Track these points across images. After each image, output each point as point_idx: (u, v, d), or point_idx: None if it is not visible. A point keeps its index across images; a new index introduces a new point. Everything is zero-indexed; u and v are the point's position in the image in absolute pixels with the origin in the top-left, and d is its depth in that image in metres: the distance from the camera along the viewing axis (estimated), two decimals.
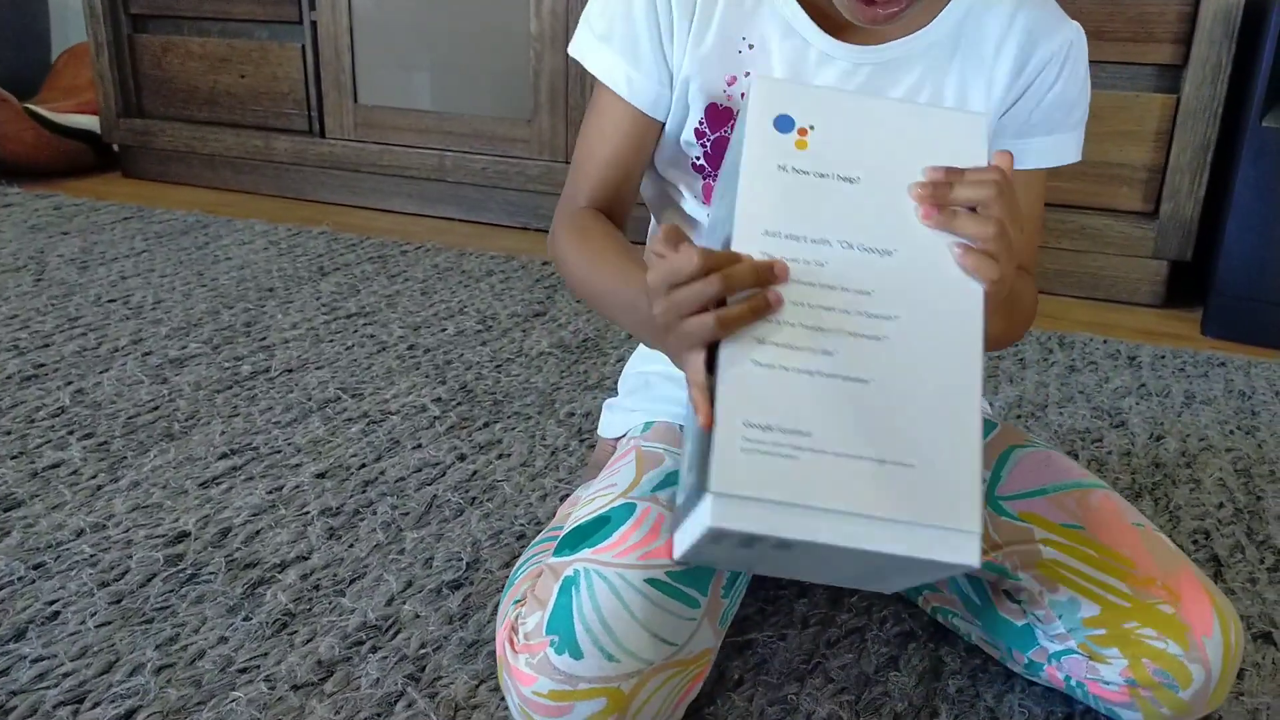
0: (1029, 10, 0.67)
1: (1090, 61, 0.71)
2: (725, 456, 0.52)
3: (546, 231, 0.76)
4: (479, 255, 1.61)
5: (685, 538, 0.54)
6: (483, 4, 1.76)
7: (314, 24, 1.88)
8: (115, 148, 2.13)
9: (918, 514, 0.52)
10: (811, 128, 0.57)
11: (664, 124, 0.71)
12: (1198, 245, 1.48)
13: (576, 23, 0.72)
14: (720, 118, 0.69)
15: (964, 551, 0.52)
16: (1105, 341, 1.33)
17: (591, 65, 0.71)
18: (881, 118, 0.58)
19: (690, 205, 0.74)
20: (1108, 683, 0.62)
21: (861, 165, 0.57)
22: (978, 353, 0.56)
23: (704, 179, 0.72)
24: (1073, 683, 0.64)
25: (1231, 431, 1.09)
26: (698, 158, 0.71)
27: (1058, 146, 0.71)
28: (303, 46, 1.90)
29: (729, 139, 0.68)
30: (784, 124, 0.57)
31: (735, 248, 0.54)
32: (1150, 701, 0.61)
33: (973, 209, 0.55)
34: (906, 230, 0.56)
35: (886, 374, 0.54)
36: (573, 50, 0.72)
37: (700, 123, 0.69)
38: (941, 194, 0.56)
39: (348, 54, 1.87)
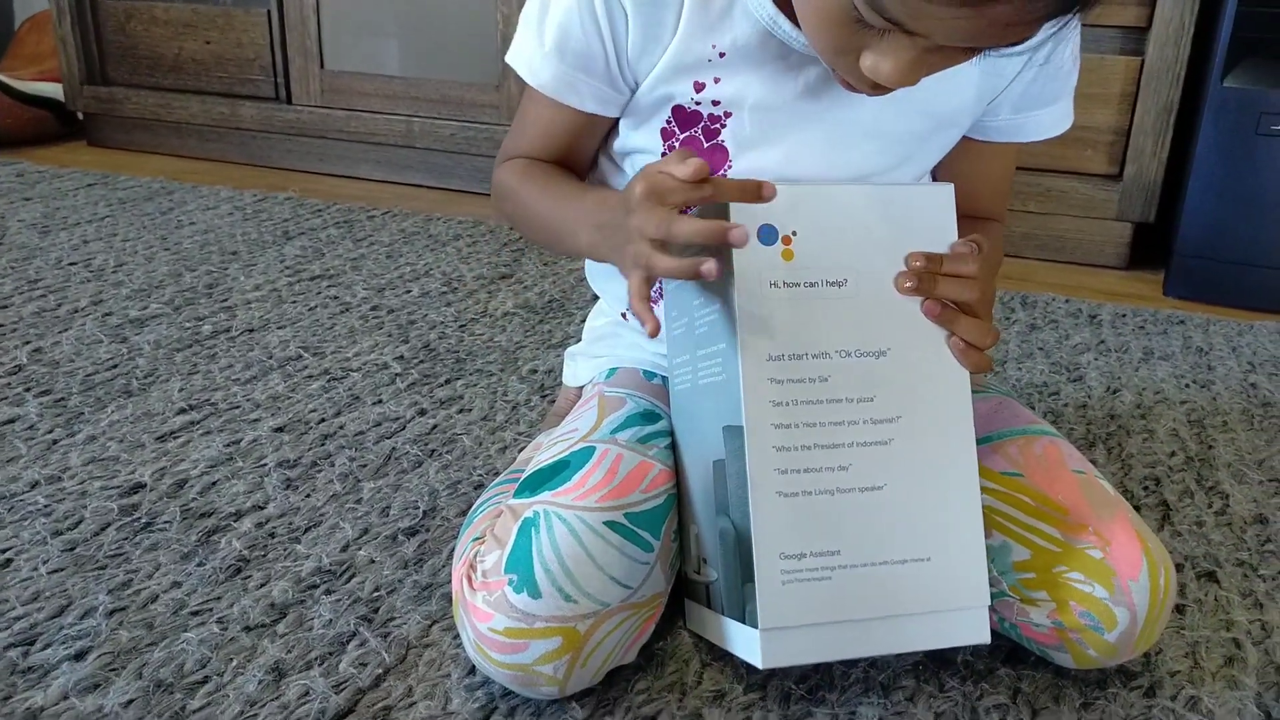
0: None
1: None
2: (768, 593, 0.56)
3: None
4: (446, 220, 1.61)
5: (736, 645, 0.60)
6: None
7: None
8: (80, 115, 2.11)
9: (938, 603, 0.59)
10: (794, 233, 0.58)
11: (617, 117, 0.70)
12: (1160, 207, 1.49)
13: None
14: (688, 119, 0.67)
15: (976, 628, 0.60)
16: (1067, 301, 1.34)
17: (535, 77, 0.68)
18: (857, 206, 0.60)
19: None
20: (1037, 625, 0.63)
21: (846, 265, 0.59)
22: (971, 433, 0.61)
23: (666, 144, 0.71)
24: (1006, 625, 0.65)
25: (1187, 385, 1.10)
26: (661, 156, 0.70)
27: (1054, 116, 0.72)
28: (268, 11, 1.88)
29: (697, 140, 0.67)
30: (767, 235, 0.58)
31: (743, 377, 0.57)
32: (1078, 644, 0.62)
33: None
34: (895, 325, 0.59)
35: (897, 475, 0.59)
36: (512, 59, 0.69)
37: (667, 122, 0.68)
38: (927, 285, 0.60)
39: (314, 19, 1.85)
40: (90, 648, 0.64)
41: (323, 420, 0.95)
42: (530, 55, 0.68)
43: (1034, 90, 0.69)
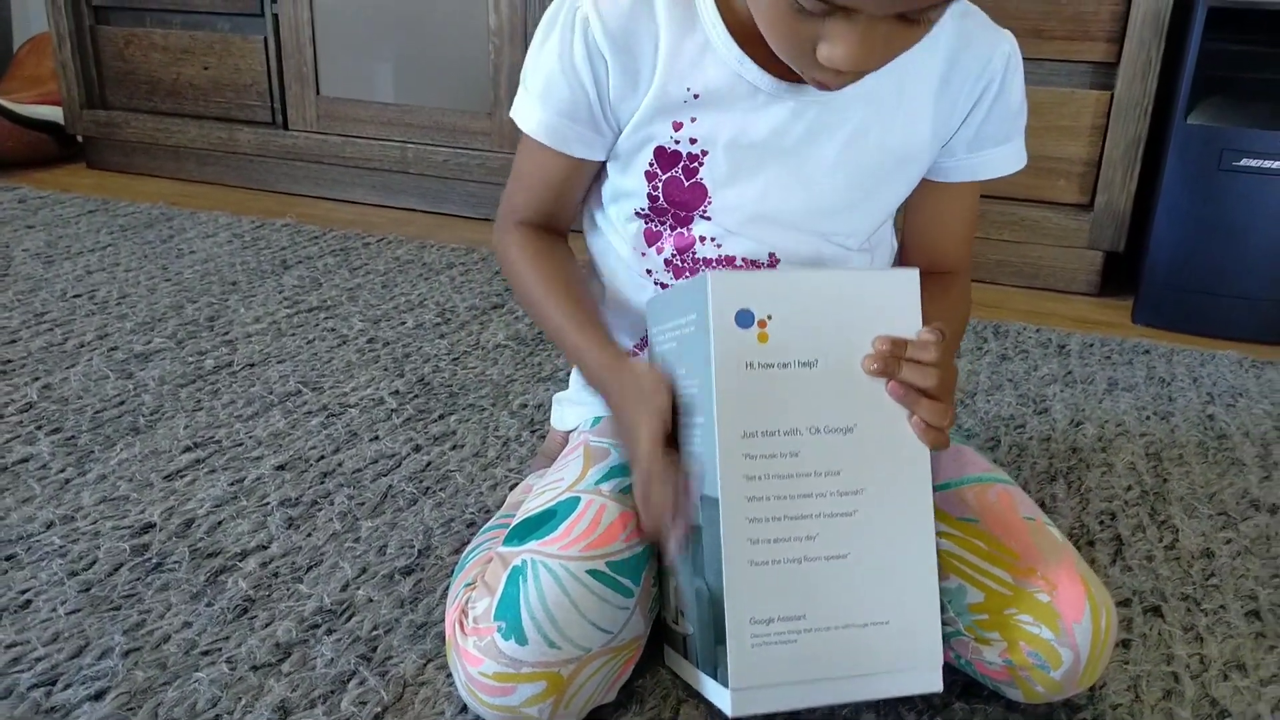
0: (965, 31, 0.71)
1: (1029, 59, 0.75)
2: (739, 656, 0.61)
3: None
4: (440, 247, 1.66)
5: (709, 692, 0.65)
6: None
7: (275, 16, 1.90)
8: (79, 138, 2.15)
9: (895, 662, 0.63)
10: (770, 317, 0.63)
11: (603, 160, 0.76)
12: (1130, 236, 1.55)
13: (534, 19, 0.76)
14: (669, 159, 0.72)
15: (930, 681, 0.65)
16: (1038, 330, 1.40)
17: (527, 124, 0.74)
18: (827, 291, 0.64)
19: (621, 247, 0.78)
20: (990, 662, 0.68)
21: (817, 346, 0.63)
22: (929, 505, 0.65)
23: (645, 224, 0.76)
24: (961, 661, 0.70)
25: (1148, 417, 1.15)
26: (641, 209, 0.75)
27: (1008, 155, 0.77)
28: (265, 39, 1.93)
29: (679, 180, 0.72)
30: (744, 319, 0.62)
31: (719, 453, 0.61)
32: (1027, 680, 0.67)
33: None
34: (861, 403, 0.64)
35: (861, 545, 0.63)
36: (512, 112, 0.75)
37: (650, 164, 0.73)
38: (892, 367, 0.64)
39: (309, 46, 1.90)
40: (108, 688, 0.69)
41: (322, 458, 1.00)
42: (522, 104, 0.75)
43: (986, 130, 0.74)
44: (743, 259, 0.74)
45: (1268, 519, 0.95)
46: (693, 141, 0.71)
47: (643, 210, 0.75)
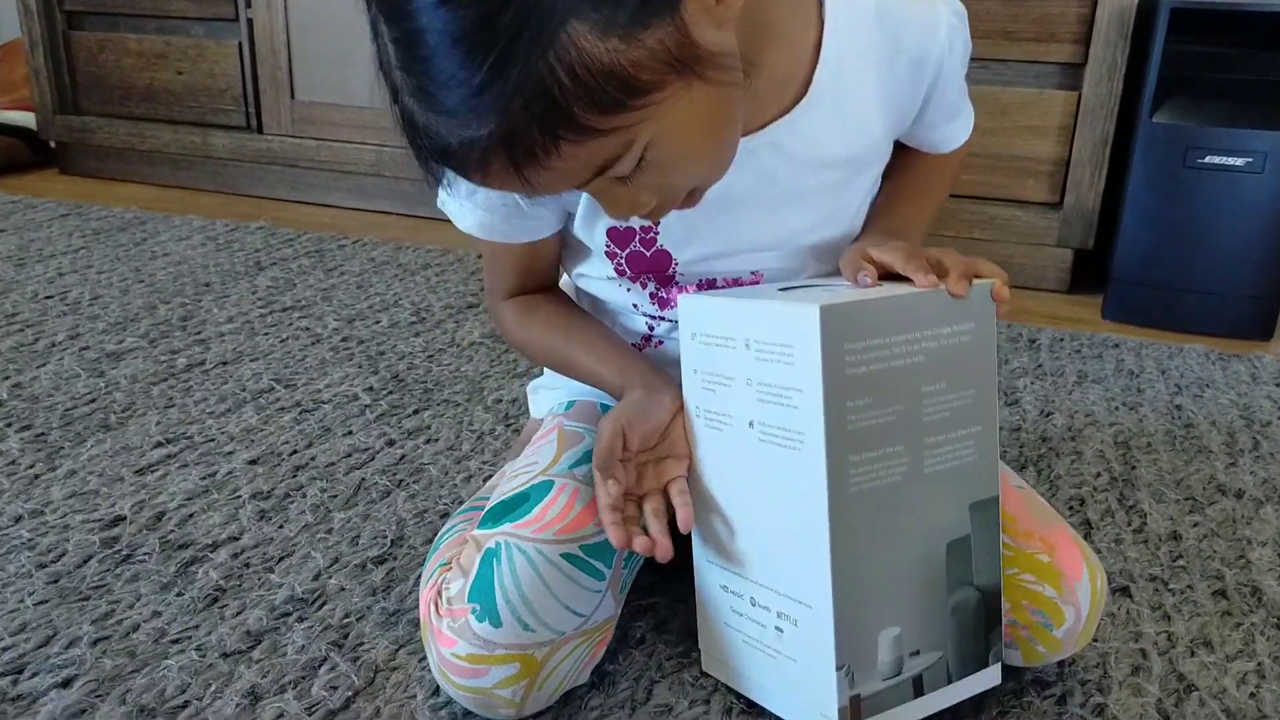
0: (892, 25, 0.67)
1: (997, 60, 0.72)
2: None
3: None
4: (415, 249, 1.66)
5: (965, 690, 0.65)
6: None
7: (250, 21, 1.90)
8: (52, 144, 2.14)
9: None
10: None
11: (562, 227, 0.73)
12: (1099, 234, 1.57)
13: None
14: (623, 236, 0.71)
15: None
16: (1009, 326, 1.41)
17: (463, 224, 0.71)
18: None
19: (604, 282, 0.77)
20: None
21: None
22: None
23: (614, 263, 0.74)
24: None
25: (1117, 408, 1.17)
26: (611, 277, 0.74)
27: (962, 125, 0.77)
28: (239, 43, 1.93)
29: (640, 253, 0.72)
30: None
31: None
32: (1029, 640, 0.68)
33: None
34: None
35: None
36: (442, 206, 0.70)
37: (607, 245, 0.72)
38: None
39: (284, 51, 1.90)
40: (76, 675, 0.68)
41: (295, 452, 0.99)
42: (451, 204, 0.70)
43: (937, 109, 0.73)
44: (723, 279, 0.73)
45: (1234, 503, 0.97)
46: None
47: (613, 277, 0.74)
